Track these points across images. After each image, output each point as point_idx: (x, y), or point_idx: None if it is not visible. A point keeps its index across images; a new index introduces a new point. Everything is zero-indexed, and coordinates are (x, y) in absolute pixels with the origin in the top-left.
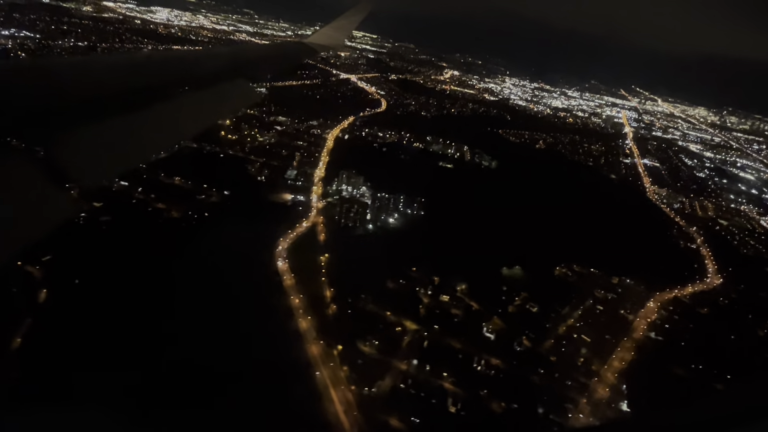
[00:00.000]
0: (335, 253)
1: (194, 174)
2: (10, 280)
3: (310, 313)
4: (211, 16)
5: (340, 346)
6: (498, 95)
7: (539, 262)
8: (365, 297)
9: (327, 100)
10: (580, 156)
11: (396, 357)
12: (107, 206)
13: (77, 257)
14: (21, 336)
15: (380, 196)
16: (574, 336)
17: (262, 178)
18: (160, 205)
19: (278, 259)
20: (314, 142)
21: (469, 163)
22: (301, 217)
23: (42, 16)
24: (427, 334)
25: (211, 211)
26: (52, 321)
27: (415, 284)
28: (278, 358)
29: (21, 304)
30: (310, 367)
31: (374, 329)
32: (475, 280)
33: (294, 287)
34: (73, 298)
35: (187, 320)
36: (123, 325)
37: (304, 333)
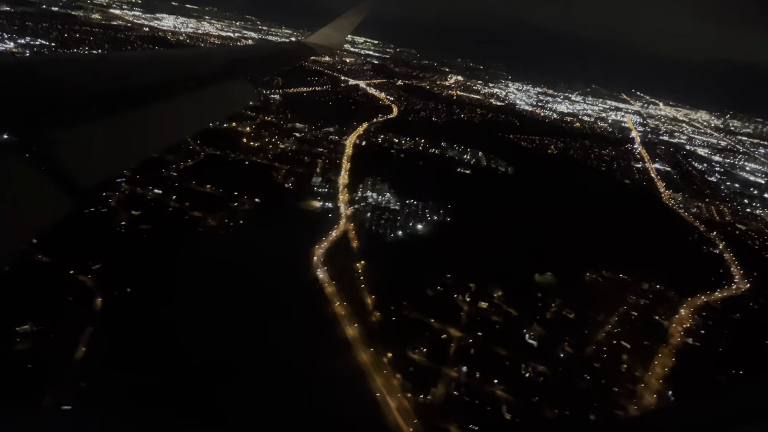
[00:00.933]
0: (370, 260)
1: (224, 181)
2: (65, 289)
3: (355, 320)
4: (216, 23)
5: (390, 353)
6: (504, 100)
7: (568, 268)
8: (407, 304)
9: (339, 107)
10: (593, 161)
11: (445, 364)
12: (145, 215)
13: (125, 265)
14: (84, 345)
15: (408, 203)
16: (614, 342)
17: (288, 185)
18: (197, 213)
19: (317, 267)
20: (334, 149)
21: (486, 169)
22: (332, 224)
23: (54, 24)
24: (472, 341)
25: (245, 218)
26: (112, 329)
27: (453, 291)
28: (331, 366)
29: (79, 313)
30: (363, 374)
31: (420, 336)
32: (509, 287)
33: (336, 294)
34: (128, 306)
35: (238, 329)
36: (178, 332)
37: (353, 340)
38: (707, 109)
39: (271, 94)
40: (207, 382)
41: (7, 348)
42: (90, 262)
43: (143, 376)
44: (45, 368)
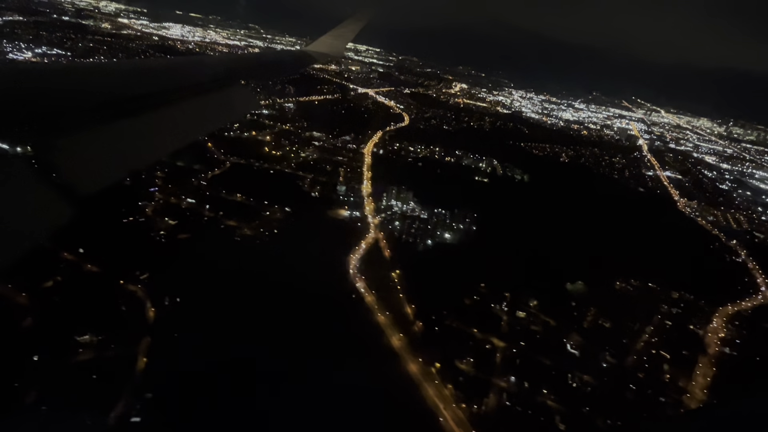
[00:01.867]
0: (404, 269)
1: (252, 190)
2: (117, 299)
3: (398, 330)
4: (221, 31)
5: (438, 363)
6: (510, 108)
7: (597, 277)
8: (447, 314)
9: (352, 115)
10: (604, 169)
11: (493, 374)
12: (182, 224)
13: (171, 275)
14: (144, 355)
15: (432, 212)
16: (653, 352)
17: (315, 194)
18: (232, 223)
19: (354, 276)
20: (353, 158)
21: (503, 178)
22: (362, 233)
23: (67, 33)
24: (516, 351)
25: (279, 228)
26: (169, 339)
27: (489, 300)
28: (383, 377)
29: (134, 323)
30: (414, 385)
31: (465, 347)
32: (542, 296)
33: (376, 304)
34: (180, 317)
35: (288, 339)
36: (230, 343)
37: (400, 351)
38: (708, 117)
39: (284, 102)
40: (263, 393)
41: (72, 358)
42: (137, 272)
43: (205, 385)
44: (112, 379)
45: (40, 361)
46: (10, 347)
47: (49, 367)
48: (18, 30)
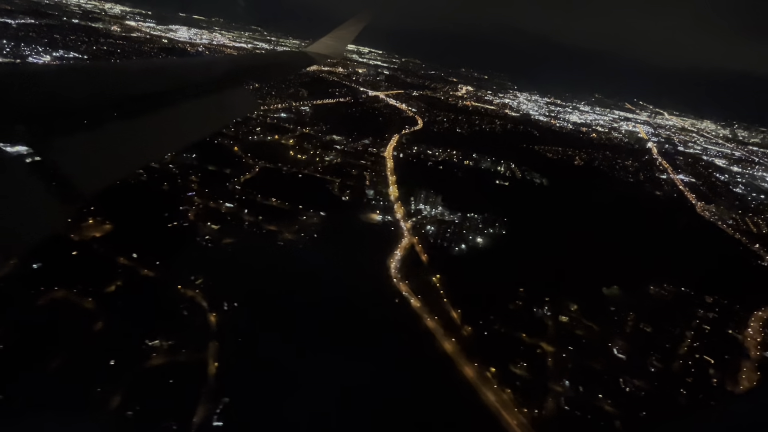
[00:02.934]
0: (443, 273)
1: (285, 195)
2: (178, 304)
3: (449, 335)
4: (227, 34)
5: (493, 368)
6: (518, 111)
7: (630, 282)
8: (493, 318)
9: (367, 118)
10: (619, 172)
11: (548, 379)
12: (225, 228)
13: (224, 280)
14: (216, 360)
15: (461, 216)
16: (696, 356)
17: (345, 198)
18: (272, 227)
19: (397, 281)
20: (375, 161)
21: (523, 181)
22: (397, 238)
23: (80, 36)
24: (566, 355)
25: (317, 232)
26: (235, 344)
27: (531, 305)
28: (443, 382)
29: (198, 328)
30: (473, 390)
31: (516, 351)
32: (581, 300)
33: (423, 309)
34: (241, 320)
35: (345, 344)
36: (293, 346)
37: (453, 355)
38: (711, 119)
39: (300, 105)
40: (331, 396)
41: (146, 362)
42: (192, 277)
43: (278, 391)
44: (188, 384)
45: (116, 365)
46: (86, 352)
47: (127, 371)
48: (32, 33)
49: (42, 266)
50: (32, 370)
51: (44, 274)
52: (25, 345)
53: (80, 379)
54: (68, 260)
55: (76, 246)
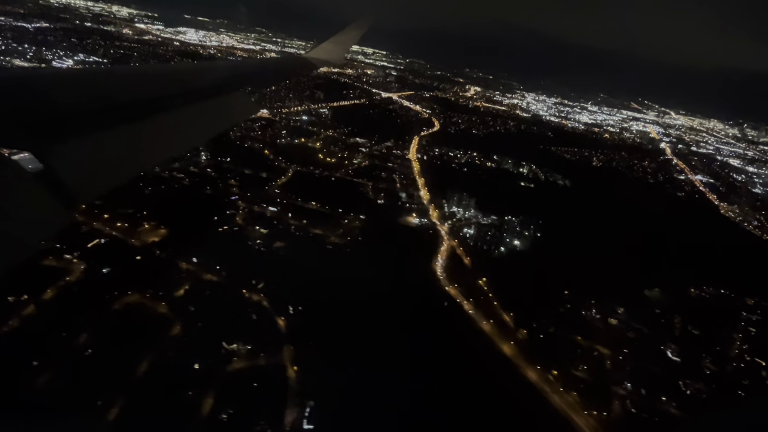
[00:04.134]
0: (488, 276)
1: (323, 198)
2: (246, 308)
3: (505, 338)
4: (234, 36)
5: (555, 371)
6: (528, 111)
7: (669, 283)
8: (545, 321)
9: (385, 120)
10: (638, 173)
11: (609, 381)
12: (274, 233)
13: (284, 283)
14: (293, 364)
15: (498, 218)
16: (748, 359)
17: (381, 201)
18: (318, 231)
19: (445, 284)
20: (402, 164)
21: (546, 183)
22: (437, 241)
23: (96, 40)
24: (622, 358)
25: (361, 235)
26: (309, 349)
27: (579, 307)
28: (508, 385)
29: (269, 332)
30: (539, 393)
31: (574, 354)
32: (626, 302)
33: (475, 312)
34: (308, 324)
35: (406, 349)
36: (360, 350)
37: (514, 358)
38: (718, 118)
39: (319, 108)
40: (402, 401)
41: (228, 366)
42: (253, 281)
43: (359, 395)
44: (273, 388)
45: (201, 369)
46: (170, 356)
47: (214, 375)
48: (50, 37)
49: (110, 271)
50: (122, 375)
51: (114, 278)
52: (111, 350)
53: (172, 384)
54: (134, 265)
55: (138, 251)
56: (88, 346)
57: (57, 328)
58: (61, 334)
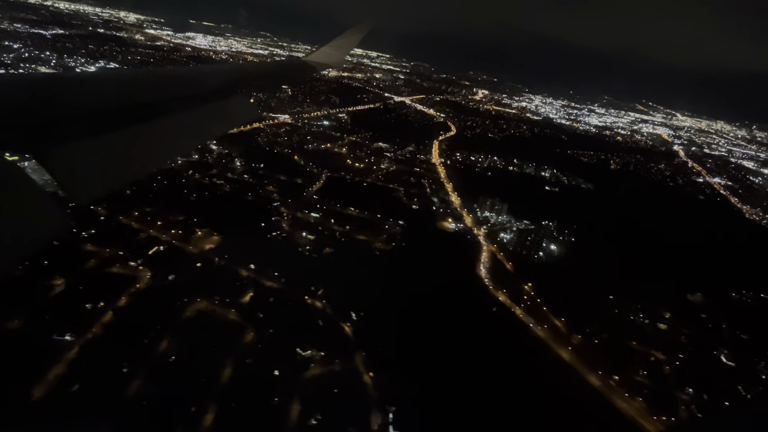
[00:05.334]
0: (533, 281)
1: (361, 204)
2: (311, 315)
3: (561, 343)
4: (241, 40)
5: (616, 376)
6: (538, 114)
7: (708, 287)
8: (598, 327)
9: (403, 125)
10: (656, 176)
11: (672, 387)
12: (321, 239)
13: (342, 289)
14: (369, 371)
15: (531, 223)
16: None
17: (415, 206)
18: (362, 237)
19: (494, 290)
20: (427, 168)
21: (570, 186)
22: (476, 246)
23: (112, 46)
24: (679, 363)
25: (403, 240)
26: (378, 352)
27: (626, 312)
28: (573, 391)
29: (338, 339)
30: (605, 398)
31: (632, 359)
32: (671, 307)
33: (527, 317)
34: (373, 330)
35: (470, 354)
36: (428, 356)
37: (573, 363)
38: (725, 119)
39: (337, 113)
40: (477, 403)
41: (305, 372)
42: (312, 287)
43: (434, 400)
44: (354, 395)
45: (282, 375)
46: (250, 362)
47: (294, 382)
48: (68, 44)
49: (175, 278)
50: (208, 382)
51: (180, 285)
52: (193, 356)
53: (257, 390)
54: (196, 271)
55: (197, 258)
56: (171, 353)
57: (137, 335)
58: (142, 341)
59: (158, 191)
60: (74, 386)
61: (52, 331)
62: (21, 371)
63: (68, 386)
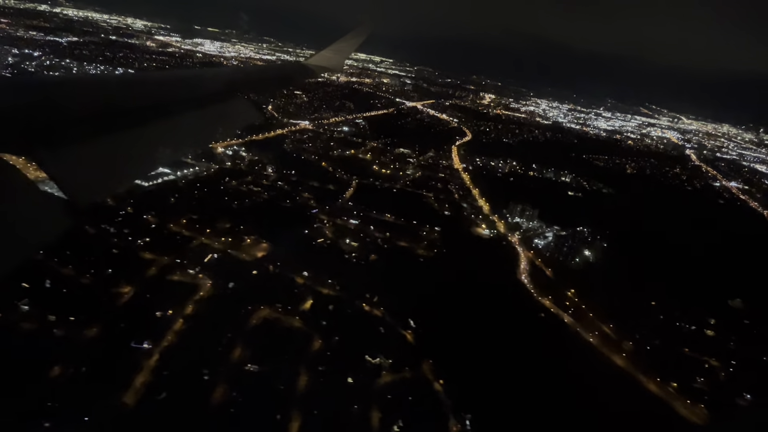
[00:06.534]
0: (575, 287)
1: (395, 210)
2: (373, 323)
3: (613, 350)
4: (247, 46)
5: (674, 383)
6: (547, 119)
7: (747, 292)
8: (647, 332)
9: (420, 130)
10: (673, 180)
11: (731, 393)
12: (364, 246)
13: (395, 297)
14: (437, 378)
15: (561, 228)
16: None
17: (447, 212)
18: (403, 243)
19: (539, 296)
20: (451, 174)
21: (591, 191)
22: (513, 252)
23: (127, 53)
24: (733, 370)
25: (444, 247)
26: (443, 361)
27: (671, 319)
28: (635, 400)
29: (404, 346)
30: (668, 406)
31: (687, 366)
32: (714, 312)
33: (576, 324)
34: (431, 337)
35: (528, 362)
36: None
37: (630, 371)
38: (730, 122)
39: (355, 119)
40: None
41: (378, 380)
42: (366, 294)
43: (503, 406)
44: (428, 402)
45: (355, 383)
46: (320, 370)
47: (368, 389)
48: (85, 51)
49: (235, 286)
50: (289, 390)
51: (241, 293)
52: (267, 364)
53: (335, 397)
54: (253, 279)
55: (251, 265)
56: (245, 361)
57: (211, 343)
58: (216, 348)
59: (201, 198)
60: (161, 394)
61: (129, 338)
62: (108, 378)
63: (155, 394)
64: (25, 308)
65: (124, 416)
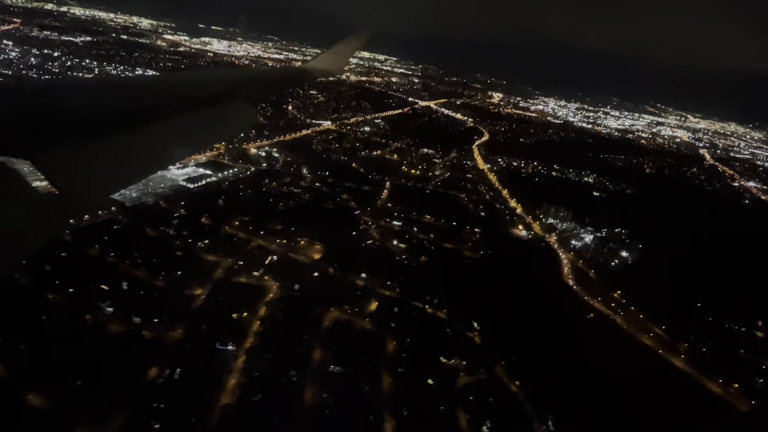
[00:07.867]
0: (621, 289)
1: (433, 211)
2: (439, 325)
3: (670, 351)
4: (254, 45)
5: (736, 384)
6: (558, 117)
7: None
8: (699, 334)
9: (438, 130)
10: (692, 180)
11: None
12: (412, 248)
13: (453, 298)
14: (513, 380)
15: (593, 229)
16: None
17: (482, 213)
18: (449, 245)
19: (587, 298)
20: (477, 175)
21: (615, 191)
22: (553, 254)
23: (141, 53)
24: None
25: (488, 248)
26: (516, 363)
27: (720, 320)
28: (700, 401)
29: (473, 350)
30: (734, 408)
31: (745, 367)
32: (760, 314)
33: (629, 326)
34: (497, 338)
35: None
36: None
37: (691, 373)
38: (736, 121)
39: (374, 119)
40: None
41: (458, 382)
42: (427, 296)
43: (581, 407)
44: (508, 404)
45: (436, 384)
46: (399, 372)
47: (448, 390)
48: (101, 51)
49: (300, 288)
50: (376, 394)
51: (307, 295)
52: (348, 367)
53: (420, 398)
54: (316, 281)
55: (311, 267)
56: (327, 362)
57: (291, 345)
58: (298, 350)
59: (247, 200)
60: (257, 395)
61: (213, 340)
62: (203, 380)
63: (251, 395)
64: (110, 310)
65: (226, 417)
